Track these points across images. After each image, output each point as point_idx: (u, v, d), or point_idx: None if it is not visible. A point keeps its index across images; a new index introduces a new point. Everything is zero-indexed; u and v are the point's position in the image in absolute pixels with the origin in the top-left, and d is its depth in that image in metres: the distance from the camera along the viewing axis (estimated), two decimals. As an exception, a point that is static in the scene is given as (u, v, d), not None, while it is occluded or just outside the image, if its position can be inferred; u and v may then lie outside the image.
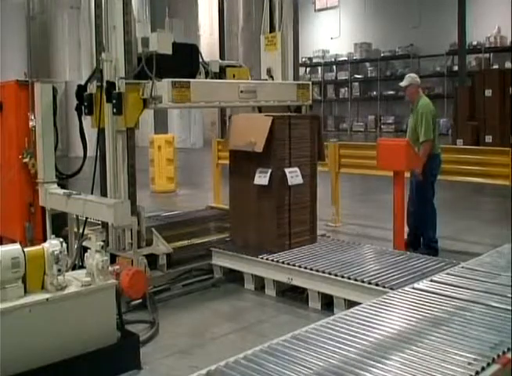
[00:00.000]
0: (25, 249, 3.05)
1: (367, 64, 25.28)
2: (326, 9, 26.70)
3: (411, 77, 5.85)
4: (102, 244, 3.34)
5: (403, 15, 22.94)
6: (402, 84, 5.88)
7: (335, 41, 26.14)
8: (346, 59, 25.56)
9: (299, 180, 4.89)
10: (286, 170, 4.84)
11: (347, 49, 25.40)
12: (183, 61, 4.87)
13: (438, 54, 21.88)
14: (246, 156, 4.91)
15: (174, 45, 4.53)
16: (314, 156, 5.13)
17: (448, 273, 3.99)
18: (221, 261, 4.96)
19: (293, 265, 4.43)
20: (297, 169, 4.90)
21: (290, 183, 4.83)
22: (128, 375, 3.28)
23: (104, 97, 4.46)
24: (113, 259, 4.20)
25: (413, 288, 3.70)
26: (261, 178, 4.78)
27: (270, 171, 4.77)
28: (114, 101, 4.38)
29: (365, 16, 24.88)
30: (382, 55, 24.31)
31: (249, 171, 4.90)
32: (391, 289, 3.79)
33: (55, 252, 3.05)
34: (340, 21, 26.10)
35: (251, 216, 4.97)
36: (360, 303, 3.62)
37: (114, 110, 4.39)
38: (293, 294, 4.55)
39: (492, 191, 8.69)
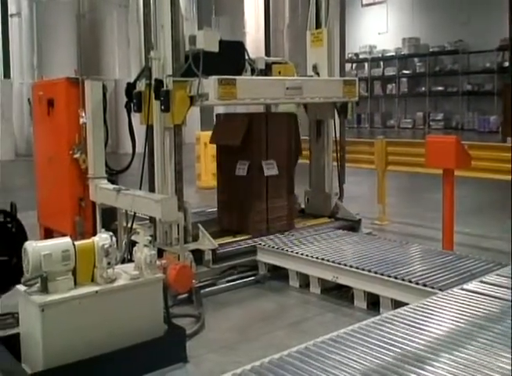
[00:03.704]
0: (75, 242, 3.11)
1: (415, 60, 24.79)
2: (374, 4, 26.36)
3: None
4: (150, 238, 3.39)
5: (452, 10, 22.42)
6: None
7: (382, 37, 25.76)
8: (394, 54, 25.15)
9: (274, 171, 5.33)
10: (263, 162, 5.27)
11: (395, 45, 24.98)
12: (229, 58, 4.90)
13: (488, 50, 21.28)
14: (229, 150, 5.40)
15: (221, 42, 4.56)
16: (290, 150, 5.55)
17: (498, 274, 3.88)
18: (266, 257, 4.97)
19: (339, 264, 4.40)
20: (273, 161, 5.32)
21: (265, 174, 5.28)
22: (173, 368, 3.33)
23: (152, 95, 4.53)
24: (160, 254, 4.26)
25: (462, 289, 3.61)
26: (241, 170, 5.26)
27: (248, 163, 5.23)
28: (162, 98, 4.44)
29: (413, 11, 24.44)
30: (431, 50, 23.80)
31: (231, 164, 5.35)
32: (440, 290, 3.71)
33: (105, 246, 3.11)
34: (387, 16, 25.70)
35: (234, 204, 5.42)
36: (407, 304, 3.56)
37: (162, 108, 4.46)
38: (338, 293, 4.51)
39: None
